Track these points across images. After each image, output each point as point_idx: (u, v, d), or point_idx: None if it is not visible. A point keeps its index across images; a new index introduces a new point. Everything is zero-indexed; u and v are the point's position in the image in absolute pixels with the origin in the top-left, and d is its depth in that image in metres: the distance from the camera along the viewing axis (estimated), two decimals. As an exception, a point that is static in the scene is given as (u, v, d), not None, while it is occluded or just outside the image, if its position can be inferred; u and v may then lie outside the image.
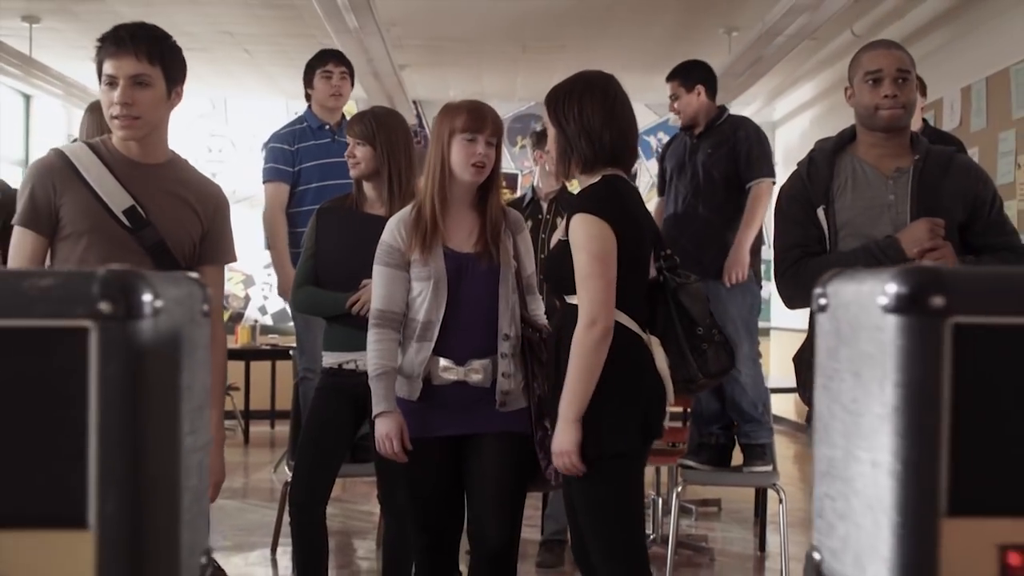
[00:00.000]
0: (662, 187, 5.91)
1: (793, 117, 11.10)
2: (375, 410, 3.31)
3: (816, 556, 1.16)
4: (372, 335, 3.34)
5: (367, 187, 4.01)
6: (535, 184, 5.39)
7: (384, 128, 3.99)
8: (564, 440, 2.97)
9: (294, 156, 5.33)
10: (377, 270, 3.40)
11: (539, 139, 5.27)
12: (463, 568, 3.62)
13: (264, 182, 5.49)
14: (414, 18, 8.47)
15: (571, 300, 3.06)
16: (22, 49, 8.79)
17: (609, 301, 2.95)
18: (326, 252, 4.03)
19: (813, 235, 3.28)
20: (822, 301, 1.15)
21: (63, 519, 0.98)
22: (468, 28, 8.84)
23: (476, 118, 3.33)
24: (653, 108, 11.57)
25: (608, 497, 3.04)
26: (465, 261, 3.35)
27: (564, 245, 3.07)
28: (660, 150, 6.29)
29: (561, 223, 4.77)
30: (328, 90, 5.52)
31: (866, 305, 1.03)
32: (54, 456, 0.98)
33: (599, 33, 8.87)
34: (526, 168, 11.65)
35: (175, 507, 1.06)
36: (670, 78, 5.80)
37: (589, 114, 3.05)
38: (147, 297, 0.98)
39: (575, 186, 3.41)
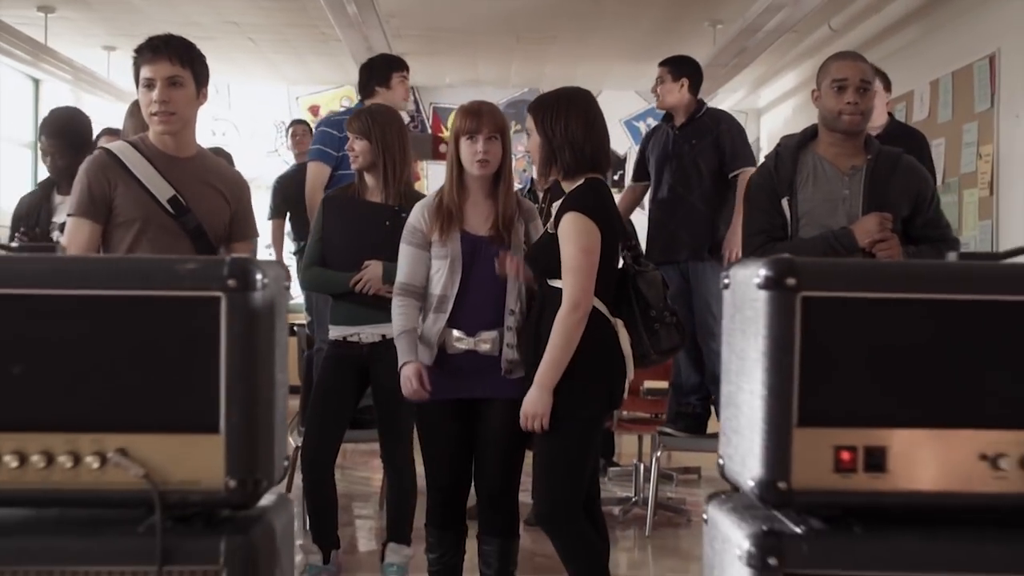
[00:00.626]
0: (638, 174, 6.36)
1: (777, 104, 11.56)
2: (400, 361, 3.75)
3: (720, 462, 1.65)
4: (396, 303, 3.78)
5: (367, 177, 4.46)
6: (533, 176, 5.81)
7: (379, 124, 4.44)
8: (539, 403, 3.46)
9: (340, 142, 5.63)
10: (402, 248, 3.84)
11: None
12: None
13: (309, 160, 5.86)
14: (412, 10, 8.91)
15: (553, 283, 3.52)
16: (37, 37, 9.21)
17: (591, 289, 3.43)
18: (331, 236, 4.48)
19: (777, 222, 3.75)
20: (726, 281, 1.63)
21: (203, 427, 1.46)
22: (463, 20, 9.29)
23: (473, 119, 3.77)
24: (643, 95, 12.01)
25: (568, 452, 3.55)
26: (479, 243, 3.77)
27: (551, 237, 3.53)
28: (644, 138, 6.74)
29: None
30: (404, 93, 5.90)
31: (749, 284, 1.51)
32: (197, 384, 1.46)
33: (590, 26, 9.33)
34: (519, 152, 12.11)
35: (272, 422, 1.54)
36: (662, 64, 6.25)
37: (573, 128, 3.52)
38: (258, 276, 1.47)
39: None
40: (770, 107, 11.82)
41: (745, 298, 1.52)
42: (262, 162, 11.47)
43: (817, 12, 8.04)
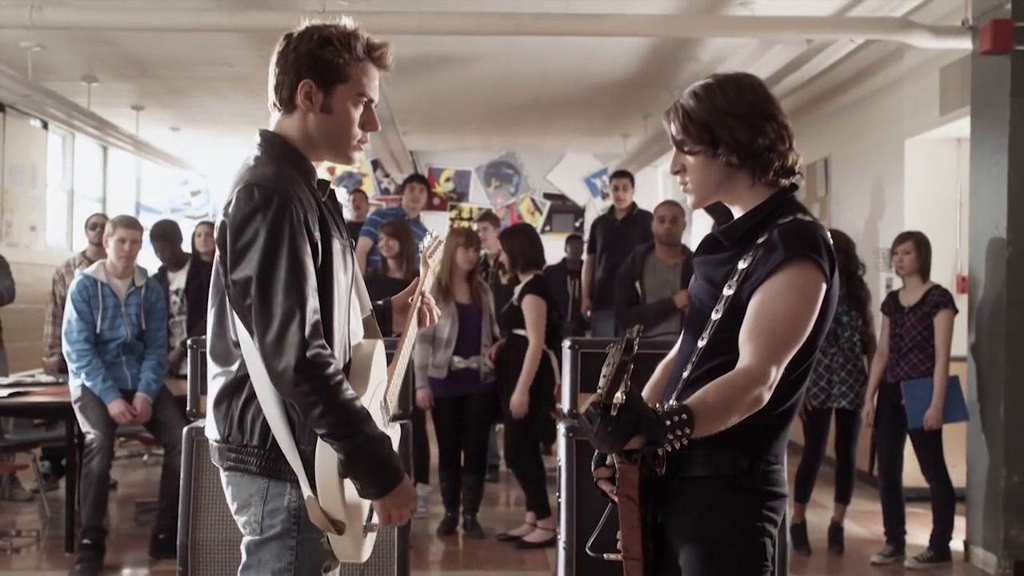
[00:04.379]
0: (590, 249, 9.62)
1: (707, 166, 14.90)
2: (417, 386, 7.01)
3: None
4: (418, 349, 7.02)
5: (390, 262, 7.64)
6: (485, 251, 9.07)
7: (403, 234, 7.65)
8: (522, 401, 6.83)
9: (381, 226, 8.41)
10: None
11: (483, 218, 9.10)
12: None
13: (361, 235, 8.85)
14: (415, 106, 12.24)
15: (517, 332, 6.86)
16: (130, 130, 12.50)
17: (543, 338, 6.75)
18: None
19: (633, 295, 7.04)
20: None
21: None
22: (453, 114, 12.74)
23: (470, 239, 7.08)
24: (599, 157, 15.54)
25: (525, 420, 6.90)
26: (465, 308, 7.11)
27: (516, 308, 6.87)
28: (592, 225, 10.04)
29: (510, 281, 8.52)
30: (412, 197, 8.80)
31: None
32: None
33: (552, 117, 12.73)
34: (499, 204, 15.61)
35: (410, 379, 4.81)
36: (624, 175, 9.60)
37: (524, 245, 6.92)
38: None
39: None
40: (701, 168, 15.16)
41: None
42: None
43: (718, 113, 11.36)
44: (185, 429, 4.46)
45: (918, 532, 6.86)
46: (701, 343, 2.60)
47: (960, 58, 7.39)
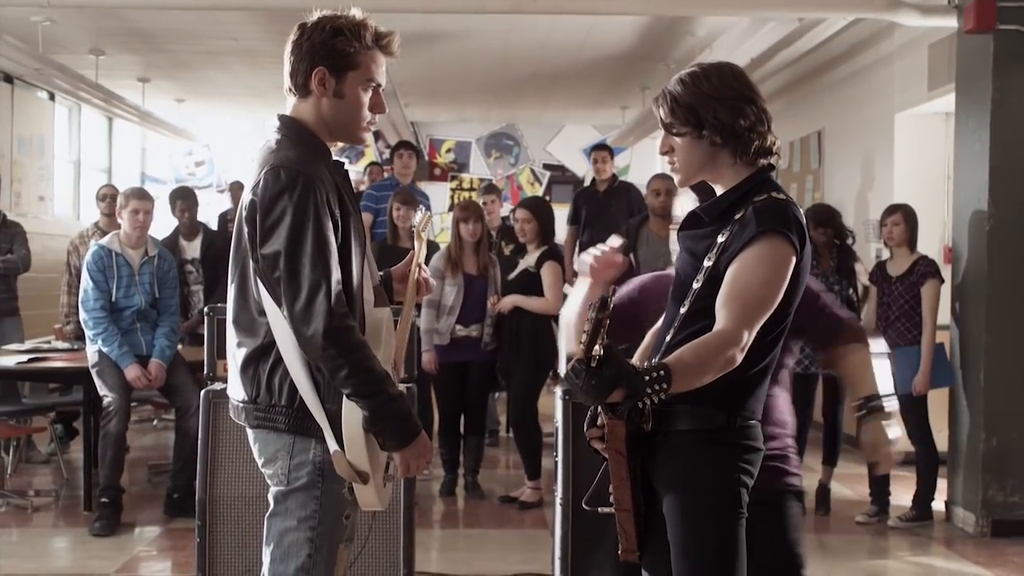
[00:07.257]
0: (573, 220, 9.83)
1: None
2: (423, 348, 7.29)
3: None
4: (425, 312, 7.32)
5: (401, 232, 7.91)
6: (506, 223, 9.34)
7: (415, 202, 7.93)
8: (510, 301, 7.17)
9: (379, 200, 8.80)
10: None
11: (488, 190, 9.36)
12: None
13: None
14: (416, 79, 12.44)
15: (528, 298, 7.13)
16: (137, 101, 12.72)
17: (560, 299, 6.99)
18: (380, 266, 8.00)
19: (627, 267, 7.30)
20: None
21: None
22: (453, 87, 12.96)
23: (467, 212, 7.32)
24: (598, 129, 15.76)
25: (529, 386, 7.18)
26: (472, 278, 7.38)
27: (533, 274, 7.13)
28: (575, 196, 10.28)
29: (513, 252, 8.78)
30: (401, 163, 9.13)
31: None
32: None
33: (551, 89, 12.94)
34: (499, 175, 15.87)
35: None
36: (603, 148, 9.82)
37: (546, 220, 7.18)
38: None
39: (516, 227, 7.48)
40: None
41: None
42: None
43: (714, 87, 11.60)
44: (202, 392, 4.72)
45: (902, 494, 7.14)
46: (683, 310, 2.85)
47: (948, 35, 7.60)
